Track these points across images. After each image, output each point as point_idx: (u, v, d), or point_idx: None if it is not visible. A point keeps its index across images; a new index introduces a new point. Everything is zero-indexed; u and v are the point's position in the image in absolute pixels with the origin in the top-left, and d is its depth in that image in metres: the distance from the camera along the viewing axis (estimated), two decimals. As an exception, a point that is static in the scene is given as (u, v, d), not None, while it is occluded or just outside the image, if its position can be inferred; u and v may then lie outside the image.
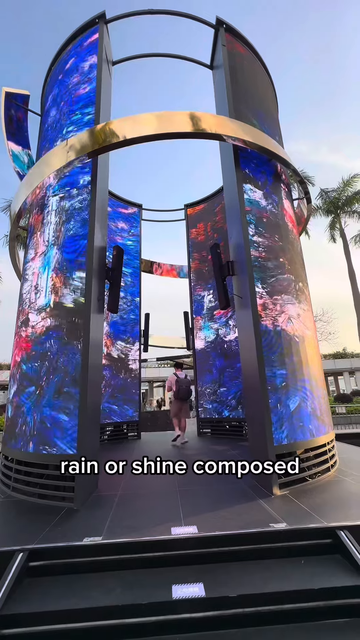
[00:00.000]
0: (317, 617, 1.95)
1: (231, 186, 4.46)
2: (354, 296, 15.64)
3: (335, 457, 4.33)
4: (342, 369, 35.18)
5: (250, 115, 4.89)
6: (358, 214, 16.41)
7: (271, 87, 6.14)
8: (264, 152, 4.47)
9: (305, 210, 5.90)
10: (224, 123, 4.30)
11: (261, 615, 1.92)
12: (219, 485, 3.71)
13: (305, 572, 2.17)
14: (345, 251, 16.38)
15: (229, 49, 5.13)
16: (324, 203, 16.85)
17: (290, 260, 4.45)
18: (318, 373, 4.31)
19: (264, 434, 3.35)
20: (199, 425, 8.23)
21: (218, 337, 8.10)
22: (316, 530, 2.38)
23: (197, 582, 2.02)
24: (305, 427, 3.67)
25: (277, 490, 3.18)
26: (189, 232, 9.36)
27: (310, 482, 3.54)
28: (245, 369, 4.03)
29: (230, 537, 2.37)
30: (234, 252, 4.39)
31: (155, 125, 4.19)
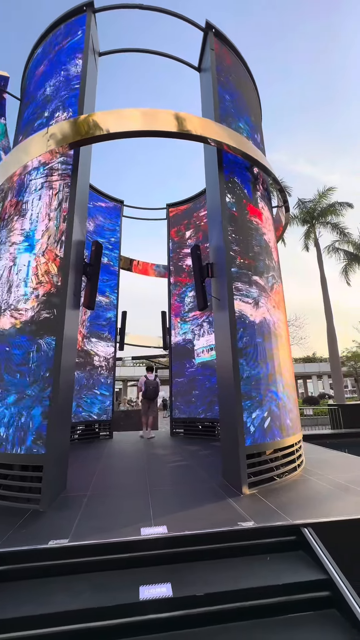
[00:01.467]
0: (281, 612, 2.01)
1: (213, 189, 4.51)
2: (325, 304, 16.38)
3: (302, 457, 4.51)
4: (311, 372, 36.78)
5: (236, 121, 4.97)
6: (331, 225, 17.22)
7: (256, 95, 6.28)
8: (246, 159, 4.57)
9: (283, 218, 6.09)
10: (209, 126, 4.34)
11: (227, 613, 1.95)
12: (190, 484, 3.74)
13: (271, 568, 2.23)
14: (318, 260, 17.11)
15: (217, 53, 5.19)
16: (301, 213, 17.51)
17: (268, 267, 4.57)
18: (289, 376, 4.47)
19: (236, 434, 3.41)
20: (172, 425, 8.25)
21: (194, 338, 8.16)
22: (282, 528, 2.46)
23: (165, 582, 2.01)
24: (274, 429, 3.79)
25: (246, 490, 3.25)
26: (169, 231, 9.35)
27: (277, 481, 3.65)
28: (220, 370, 4.09)
29: (199, 536, 2.39)
30: (213, 255, 4.44)
31: (140, 122, 4.15)
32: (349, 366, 30.14)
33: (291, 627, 1.91)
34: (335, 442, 10.76)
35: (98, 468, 4.62)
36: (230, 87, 5.22)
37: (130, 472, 4.44)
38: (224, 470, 3.87)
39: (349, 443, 10.88)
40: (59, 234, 3.89)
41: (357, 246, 17.97)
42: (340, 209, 16.98)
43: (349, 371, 31.11)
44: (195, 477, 4.01)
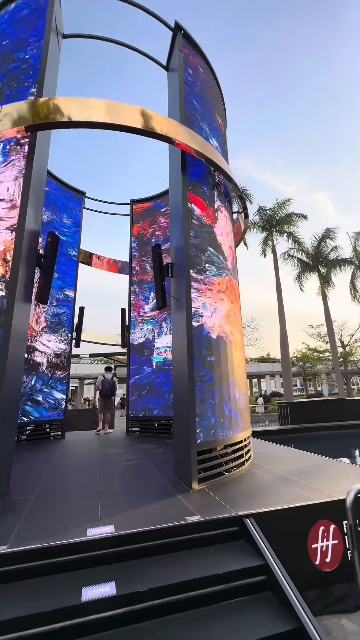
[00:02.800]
0: (222, 599, 2.12)
1: (176, 190, 4.55)
2: (279, 308, 17.40)
3: (251, 452, 4.76)
4: (264, 372, 38.81)
5: (201, 125, 5.07)
6: (287, 234, 18.35)
7: (222, 102, 6.45)
8: (209, 163, 4.68)
9: (243, 224, 6.35)
10: (174, 127, 4.37)
11: (171, 605, 2.00)
12: (142, 482, 3.75)
13: (214, 559, 2.34)
14: (274, 266, 18.12)
15: (185, 55, 5.24)
16: (261, 220, 18.39)
17: (226, 268, 4.74)
18: (242, 376, 4.69)
19: (188, 432, 3.50)
20: (128, 424, 8.18)
21: (154, 337, 8.17)
22: (226, 520, 2.58)
23: (109, 581, 2.01)
24: (225, 426, 3.95)
25: (196, 485, 3.35)
26: (132, 228, 9.23)
27: (226, 475, 3.82)
28: (175, 369, 4.15)
29: (146, 533, 2.41)
30: (174, 255, 4.49)
31: (104, 114, 4.04)
32: (298, 366, 32.32)
33: (231, 612, 2.03)
34: (283, 437, 11.53)
35: (46, 470, 4.42)
36: (196, 91, 5.30)
37: (80, 472, 4.32)
38: (175, 467, 3.95)
39: (296, 438, 11.72)
40: (10, 222, 3.64)
41: (309, 255, 19.36)
42: (296, 219, 18.15)
43: (298, 371, 33.39)
44: (147, 475, 4.03)
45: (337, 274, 19.58)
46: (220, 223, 4.92)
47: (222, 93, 6.42)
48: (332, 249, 19.25)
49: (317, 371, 34.03)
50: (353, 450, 10.87)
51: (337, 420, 12.82)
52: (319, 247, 19.22)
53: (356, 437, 12.14)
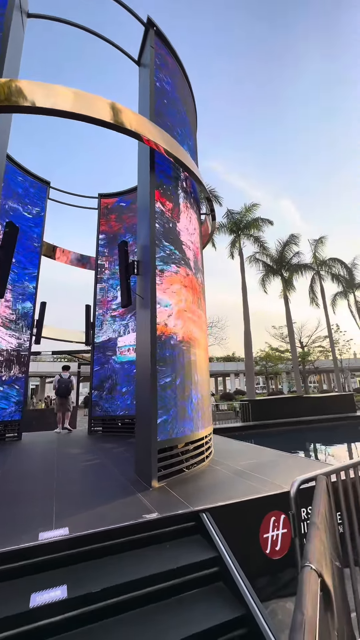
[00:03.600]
0: (177, 592, 2.16)
1: (144, 188, 4.52)
2: (244, 309, 17.99)
3: (211, 448, 4.89)
4: (229, 370, 39.92)
5: (171, 125, 5.08)
6: (254, 238, 19.03)
7: (192, 102, 6.49)
8: (178, 164, 4.71)
9: (210, 225, 6.48)
10: (145, 124, 4.33)
11: (125, 603, 2.00)
12: (101, 482, 3.69)
13: (171, 555, 2.37)
14: (241, 268, 18.69)
15: (156, 52, 5.21)
16: (229, 222, 18.86)
17: (187, 266, 4.81)
18: (204, 374, 4.79)
19: (149, 430, 3.51)
20: (91, 424, 7.98)
21: (118, 335, 8.05)
22: (183, 516, 2.64)
23: (61, 585, 1.96)
24: (187, 424, 4.02)
25: (155, 483, 3.37)
26: (100, 223, 9.00)
27: (187, 472, 3.89)
28: (139, 367, 4.14)
29: (102, 533, 2.39)
30: (140, 252, 4.46)
31: (72, 103, 3.89)
32: (261, 365, 33.69)
33: (185, 605, 2.08)
34: (244, 433, 11.97)
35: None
36: (167, 89, 5.30)
37: (36, 475, 4.15)
38: (136, 465, 3.94)
39: (257, 434, 12.23)
40: None
41: (273, 259, 20.24)
42: (262, 224, 18.85)
43: (261, 370, 34.80)
44: (106, 475, 3.98)
45: (299, 278, 20.72)
46: (183, 222, 4.93)
47: (193, 93, 6.47)
48: (294, 254, 20.31)
49: (278, 370, 35.72)
50: (308, 444, 11.59)
51: (295, 416, 13.59)
52: (283, 252, 20.17)
53: (311, 432, 12.97)
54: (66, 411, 8.42)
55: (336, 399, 15.75)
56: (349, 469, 1.90)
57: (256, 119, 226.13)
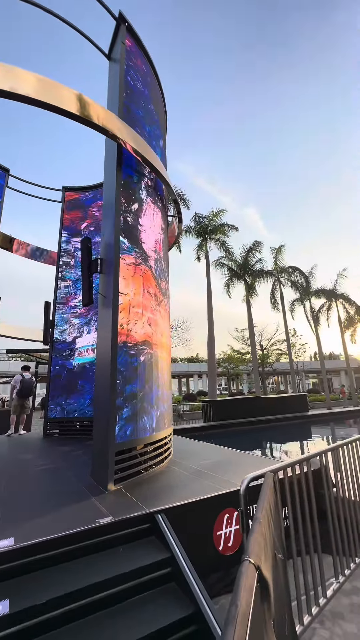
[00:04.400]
0: (131, 595, 2.14)
1: (110, 184, 4.44)
2: (208, 311, 18.39)
3: (171, 449, 4.91)
4: (193, 371, 40.46)
5: (140, 124, 5.04)
6: (220, 242, 19.55)
7: (162, 102, 6.50)
8: (146, 164, 4.69)
9: (177, 228, 6.53)
10: (113, 120, 4.25)
11: (73, 612, 1.93)
12: (54, 487, 3.54)
13: (124, 558, 2.34)
14: (206, 271, 19.10)
15: (127, 48, 5.15)
16: (196, 226, 19.18)
17: (156, 269, 4.80)
18: (165, 374, 4.80)
19: (107, 432, 3.43)
20: (47, 426, 7.60)
21: (78, 335, 7.78)
22: (138, 518, 2.61)
23: (2, 600, 1.84)
24: (146, 425, 4.00)
25: (112, 486, 3.30)
26: (63, 217, 8.65)
27: (145, 474, 3.86)
28: (98, 368, 4.03)
29: (52, 541, 2.28)
30: (104, 250, 4.36)
31: (35, 89, 3.69)
32: (223, 367, 34.64)
33: (138, 607, 2.07)
34: (205, 433, 12.20)
35: None
36: (138, 88, 5.26)
37: (-18, 482, 3.85)
38: (92, 469, 3.83)
39: (217, 434, 12.53)
40: None
41: (238, 264, 20.94)
42: (228, 230, 19.43)
43: (223, 371, 35.78)
44: (60, 480, 3.82)
45: (261, 284, 21.66)
46: (146, 220, 4.88)
47: (164, 94, 6.48)
48: (257, 260, 21.20)
49: (239, 371, 36.95)
50: (264, 442, 12.12)
51: (253, 416, 14.14)
52: (247, 258, 20.96)
53: (269, 431, 13.59)
54: (24, 413, 8.07)
55: (291, 400, 16.69)
56: (295, 466, 2.03)
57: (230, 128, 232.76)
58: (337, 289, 24.27)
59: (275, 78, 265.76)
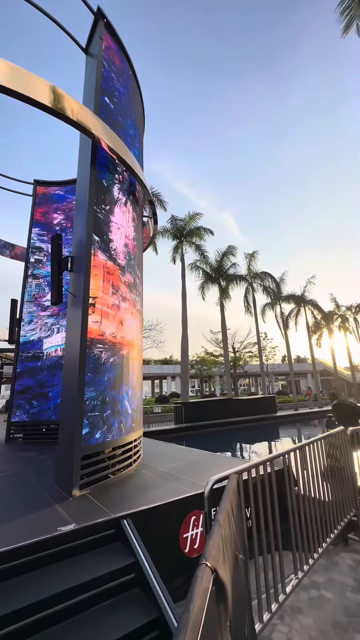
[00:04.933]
0: (92, 604, 2.07)
1: (84, 181, 4.33)
2: (182, 313, 18.48)
3: (140, 452, 4.85)
4: (166, 373, 40.39)
5: (117, 122, 4.97)
6: (196, 246, 19.75)
7: (140, 102, 6.45)
8: (121, 162, 4.63)
9: (152, 229, 6.51)
10: (89, 116, 4.15)
11: (32, 625, 1.84)
12: (14, 495, 3.36)
13: (88, 566, 2.27)
14: (182, 273, 19.19)
15: (105, 45, 5.07)
16: (173, 228, 19.24)
17: (128, 269, 4.75)
18: (136, 375, 4.74)
19: (73, 435, 3.33)
20: (10, 430, 7.22)
21: (46, 334, 7.49)
22: (103, 524, 2.55)
23: None
24: (115, 428, 3.92)
25: (77, 492, 3.20)
26: (34, 212, 8.31)
27: (112, 478, 3.78)
28: (66, 369, 3.90)
29: (11, 552, 2.16)
30: (75, 248, 4.24)
31: (6, 76, 3.52)
32: (196, 369, 34.90)
33: (101, 615, 2.01)
34: (177, 435, 12.21)
35: None
36: (115, 85, 5.19)
37: None
38: (56, 475, 3.69)
39: (188, 436, 12.58)
40: None
41: (212, 268, 21.25)
42: (204, 233, 19.67)
43: (196, 373, 36.04)
44: (22, 488, 3.64)
45: (234, 287, 22.13)
46: (118, 219, 4.79)
47: (142, 94, 6.44)
48: (231, 265, 21.64)
49: (212, 373, 37.43)
50: (234, 443, 12.35)
51: (224, 417, 14.37)
52: (221, 262, 21.32)
53: (239, 432, 13.87)
54: None
55: (261, 401, 17.17)
56: (258, 467, 2.08)
57: (212, 133, 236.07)
58: (306, 295, 25.39)
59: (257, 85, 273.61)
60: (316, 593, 2.50)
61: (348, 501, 3.20)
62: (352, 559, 2.97)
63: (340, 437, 3.37)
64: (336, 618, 2.22)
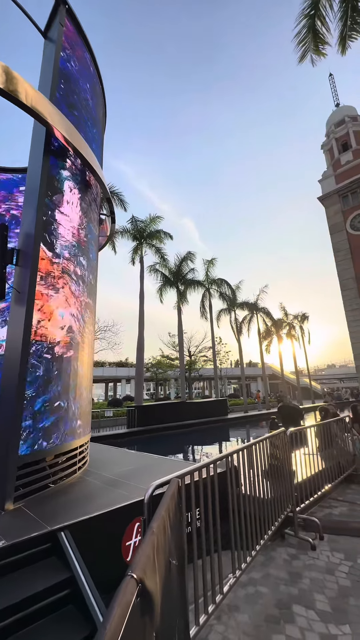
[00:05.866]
0: (23, 626, 1.90)
1: (35, 171, 4.07)
2: (140, 316, 18.28)
3: (86, 458, 4.64)
4: (121, 376, 39.50)
5: (75, 113, 4.77)
6: (155, 248, 19.74)
7: (102, 96, 6.28)
8: (78, 155, 4.45)
9: (109, 227, 6.34)
10: (44, 104, 3.92)
11: None
12: None
13: (20, 585, 2.08)
14: (140, 275, 19.00)
15: (67, 34, 4.85)
16: (133, 229, 19.00)
17: (79, 265, 4.56)
18: (84, 378, 4.55)
19: (8, 442, 3.06)
20: None
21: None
22: (37, 539, 2.37)
23: None
24: (59, 433, 3.71)
25: (10, 505, 2.94)
26: (-22, 198, 7.57)
27: (53, 487, 3.55)
28: (6, 369, 3.59)
29: None
30: (22, 241, 3.95)
31: None
32: (152, 372, 34.71)
33: (35, 636, 1.86)
34: (129, 440, 11.96)
35: None
36: (74, 75, 4.99)
37: None
38: (-11, 487, 3.36)
39: (141, 439, 12.39)
40: None
41: (171, 272, 21.41)
42: (164, 237, 19.75)
43: (152, 376, 35.83)
44: None
45: (192, 292, 22.53)
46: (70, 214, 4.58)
47: (104, 87, 6.28)
48: (189, 270, 22.02)
49: (167, 377, 37.53)
50: (187, 446, 12.47)
51: (178, 420, 14.47)
52: (180, 267, 21.59)
53: (192, 434, 14.04)
54: None
55: (213, 404, 17.64)
56: (201, 469, 2.11)
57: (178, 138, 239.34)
58: (258, 302, 26.82)
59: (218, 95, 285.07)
60: (253, 589, 2.60)
61: (286, 498, 3.39)
62: (287, 553, 3.14)
63: (281, 438, 3.57)
64: (269, 612, 2.32)
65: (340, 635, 2.08)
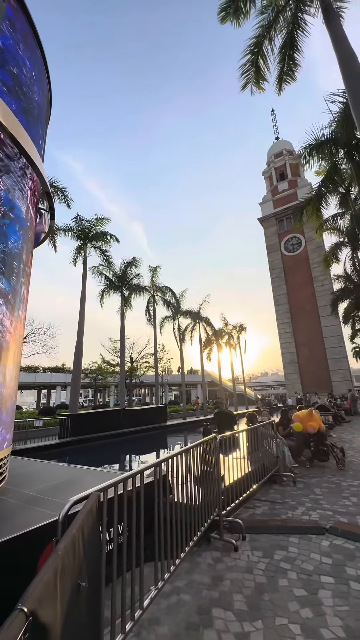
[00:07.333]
0: None
1: None
2: (79, 319, 17.37)
3: (5, 474, 4.17)
4: (56, 382, 36.89)
5: (15, 97, 4.40)
6: (101, 250, 19.11)
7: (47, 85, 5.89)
8: (13, 142, 4.09)
9: (48, 224, 5.94)
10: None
11: None
12: None
13: None
14: (83, 277, 18.13)
15: (10, 8, 4.48)
16: (77, 228, 18.13)
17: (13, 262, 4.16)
18: (8, 387, 4.12)
19: None
20: None
21: None
22: None
23: None
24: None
25: None
26: None
27: None
28: None
29: None
30: None
31: None
32: (91, 378, 33.17)
33: None
34: (60, 451, 11.10)
35: None
36: (17, 57, 4.61)
37: None
38: None
39: (74, 450, 11.59)
40: None
41: (116, 276, 20.95)
42: (110, 239, 19.26)
43: (90, 382, 34.21)
44: None
45: (137, 298, 22.32)
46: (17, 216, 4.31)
47: (50, 75, 5.92)
48: (135, 275, 21.83)
49: (107, 383, 36.25)
50: (122, 455, 12.09)
51: (115, 428, 13.96)
52: (125, 271, 21.26)
53: (129, 442, 13.67)
54: None
55: (152, 411, 17.53)
56: (127, 480, 2.04)
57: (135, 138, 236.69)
58: (201, 312, 27.79)
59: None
60: (176, 598, 2.58)
61: (212, 502, 3.49)
62: (212, 557, 3.22)
63: (212, 443, 3.69)
64: (190, 619, 2.33)
65: (253, 631, 2.18)
